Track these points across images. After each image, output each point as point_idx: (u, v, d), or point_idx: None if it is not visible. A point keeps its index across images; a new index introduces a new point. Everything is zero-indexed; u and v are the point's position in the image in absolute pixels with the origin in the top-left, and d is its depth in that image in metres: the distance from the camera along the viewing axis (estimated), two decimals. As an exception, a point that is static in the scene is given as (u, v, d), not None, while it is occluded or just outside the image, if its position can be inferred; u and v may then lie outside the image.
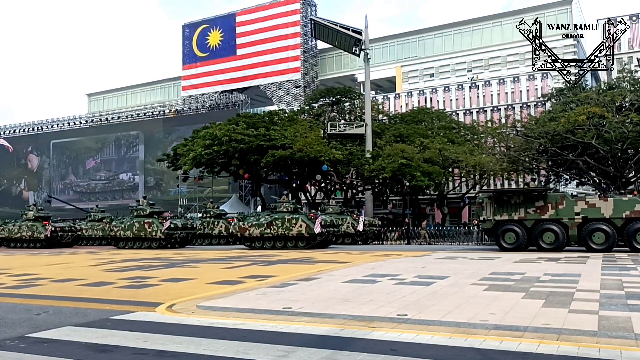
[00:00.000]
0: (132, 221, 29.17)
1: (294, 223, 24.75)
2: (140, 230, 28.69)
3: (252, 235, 25.64)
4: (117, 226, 29.49)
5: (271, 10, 62.57)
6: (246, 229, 25.74)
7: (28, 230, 32.54)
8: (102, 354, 5.50)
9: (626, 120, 28.97)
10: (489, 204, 20.87)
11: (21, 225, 32.98)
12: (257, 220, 25.69)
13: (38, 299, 9.60)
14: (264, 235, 25.37)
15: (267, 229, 25.22)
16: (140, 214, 29.31)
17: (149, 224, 28.47)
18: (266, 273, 13.04)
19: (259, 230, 25.39)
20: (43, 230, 31.89)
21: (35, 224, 32.50)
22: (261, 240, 25.64)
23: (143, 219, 28.86)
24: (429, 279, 10.91)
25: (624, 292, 8.73)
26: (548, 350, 5.24)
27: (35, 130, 70.12)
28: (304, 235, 24.54)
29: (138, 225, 28.79)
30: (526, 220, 20.13)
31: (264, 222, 25.36)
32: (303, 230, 24.48)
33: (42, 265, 17.77)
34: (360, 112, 44.68)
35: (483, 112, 51.45)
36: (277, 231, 25.06)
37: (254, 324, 6.80)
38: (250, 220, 25.94)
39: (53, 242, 32.01)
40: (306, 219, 24.64)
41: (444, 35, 58.72)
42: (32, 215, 33.06)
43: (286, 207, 25.74)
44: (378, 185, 40.45)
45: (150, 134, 61.14)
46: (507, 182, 47.05)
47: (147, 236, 28.57)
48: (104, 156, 64.87)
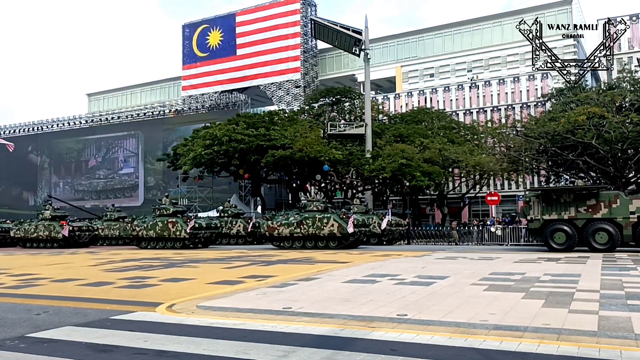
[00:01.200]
0: (155, 220, 28.36)
1: (326, 222, 24.18)
2: (164, 229, 27.91)
3: (281, 235, 25.22)
4: (139, 225, 28.77)
5: (271, 10, 62.55)
6: (275, 228, 25.29)
7: (45, 230, 31.83)
8: (102, 354, 5.50)
9: (626, 120, 28.97)
10: (537, 202, 20.17)
11: (38, 224, 32.24)
12: (286, 220, 25.21)
13: (38, 298, 9.60)
14: (294, 234, 24.91)
15: (297, 228, 24.73)
16: (163, 213, 28.47)
17: (173, 224, 27.69)
18: (266, 273, 13.04)
19: (289, 229, 24.94)
20: (61, 229, 31.19)
21: (52, 223, 31.77)
22: (290, 239, 25.20)
23: (166, 219, 28.04)
24: (429, 279, 10.91)
25: (624, 292, 8.74)
26: (548, 350, 5.24)
27: (35, 130, 70.10)
28: (336, 235, 24.01)
29: (161, 225, 28.03)
30: (577, 220, 19.45)
31: (294, 222, 24.88)
32: (335, 230, 23.95)
33: (42, 265, 17.77)
34: (360, 112, 44.68)
35: (483, 112, 51.44)
36: (307, 231, 24.52)
37: (254, 324, 6.80)
38: (279, 220, 25.47)
39: (71, 242, 31.28)
40: (338, 218, 24.07)
41: (444, 35, 58.71)
42: (48, 215, 32.31)
43: (316, 206, 25.25)
44: (378, 185, 40.44)
45: (150, 134, 61.12)
46: (507, 183, 47.08)
47: (170, 236, 27.77)
48: (104, 155, 64.88)
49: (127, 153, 64.26)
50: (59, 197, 60.28)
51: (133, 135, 62.58)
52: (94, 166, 65.16)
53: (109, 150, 64.60)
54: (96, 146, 65.34)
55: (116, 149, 64.52)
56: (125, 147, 64.58)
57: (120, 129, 63.62)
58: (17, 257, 22.99)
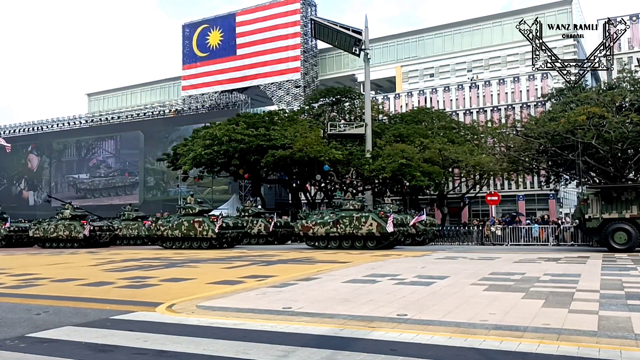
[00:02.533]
0: (181, 220, 27.57)
1: (364, 222, 23.45)
2: (190, 229, 27.15)
3: (317, 234, 24.60)
4: (164, 225, 27.99)
5: (271, 10, 62.56)
6: (309, 227, 24.65)
7: (65, 230, 31.11)
8: (102, 353, 5.50)
9: (626, 120, 28.97)
10: (596, 200, 19.45)
11: (57, 224, 31.52)
12: (322, 219, 24.57)
13: (38, 298, 9.59)
14: (330, 234, 24.28)
15: (333, 227, 24.06)
16: (189, 213, 27.71)
17: (199, 223, 26.93)
18: (266, 273, 13.03)
19: (324, 229, 24.29)
20: (81, 229, 30.49)
21: (72, 223, 31.07)
22: (326, 239, 24.57)
23: (192, 218, 27.28)
24: (429, 279, 10.91)
25: (624, 292, 8.74)
26: (548, 350, 5.24)
27: (35, 130, 70.11)
28: (375, 234, 23.35)
29: (187, 225, 27.23)
30: (639, 219, 18.74)
31: (330, 221, 24.19)
32: (374, 230, 23.25)
33: (42, 265, 17.76)
34: (360, 112, 44.68)
35: (483, 112, 51.44)
36: (344, 230, 23.86)
37: (254, 324, 6.80)
38: (314, 219, 24.78)
39: (91, 241, 30.65)
40: (377, 217, 23.36)
41: (444, 35, 58.71)
42: (68, 214, 31.60)
43: (353, 205, 24.53)
44: (378, 185, 40.44)
45: (150, 134, 61.14)
46: (507, 183, 47.08)
47: (197, 236, 27.07)
48: (104, 154, 64.96)
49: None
50: (60, 196, 60.32)
51: (133, 135, 62.59)
52: (95, 164, 65.30)
53: (109, 148, 64.69)
54: (97, 145, 65.39)
55: (115, 147, 64.72)
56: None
57: (120, 129, 63.66)
58: (17, 257, 22.98)
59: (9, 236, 33.58)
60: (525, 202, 47.46)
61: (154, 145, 60.23)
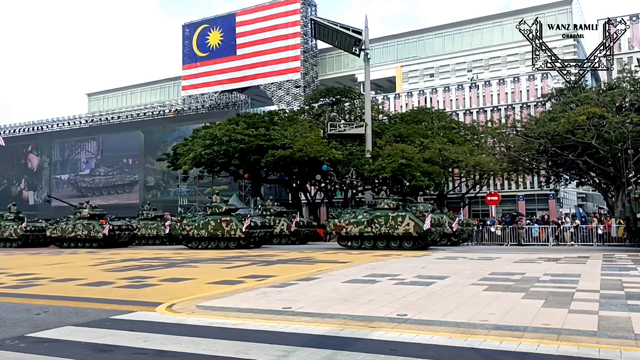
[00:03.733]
0: (207, 219, 26.93)
1: (400, 221, 22.64)
2: (217, 228, 26.54)
3: (350, 234, 23.87)
4: (189, 225, 27.34)
5: (271, 10, 62.56)
6: (342, 227, 23.89)
7: (84, 229, 30.50)
8: (102, 353, 5.49)
9: (626, 120, 29.00)
10: None
11: (76, 224, 30.87)
12: (355, 218, 23.79)
13: (38, 298, 9.59)
14: (364, 234, 23.50)
15: (368, 227, 23.26)
16: (215, 212, 27.07)
17: (227, 222, 26.34)
18: (266, 273, 13.04)
19: (358, 228, 23.54)
20: (100, 228, 29.95)
21: (91, 222, 30.47)
22: (359, 239, 23.83)
23: (219, 217, 26.66)
24: (429, 279, 10.91)
25: (624, 292, 8.74)
26: (548, 350, 5.24)
27: (35, 130, 70.13)
28: (412, 234, 22.57)
29: (214, 224, 26.60)
30: None
31: (364, 220, 23.41)
32: (411, 229, 22.47)
33: (41, 265, 17.76)
34: (360, 112, 44.66)
35: (483, 112, 51.43)
36: (379, 230, 23.07)
37: (254, 323, 6.80)
38: (347, 218, 23.98)
39: (110, 241, 30.06)
40: (414, 216, 22.62)
41: (444, 35, 58.71)
42: (87, 213, 30.98)
43: (388, 204, 23.64)
44: (378, 185, 40.40)
45: (150, 134, 61.17)
46: (507, 183, 47.08)
47: (224, 235, 26.44)
48: (104, 153, 65.04)
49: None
50: (60, 195, 60.35)
51: (132, 135, 62.63)
52: (94, 163, 65.40)
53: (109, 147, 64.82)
54: (96, 145, 65.46)
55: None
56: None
57: (120, 129, 63.70)
58: (17, 257, 22.98)
59: (26, 236, 33.03)
60: (525, 202, 47.45)
61: (154, 145, 60.26)
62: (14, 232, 33.09)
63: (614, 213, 30.30)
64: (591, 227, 27.31)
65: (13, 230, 33.15)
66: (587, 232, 27.40)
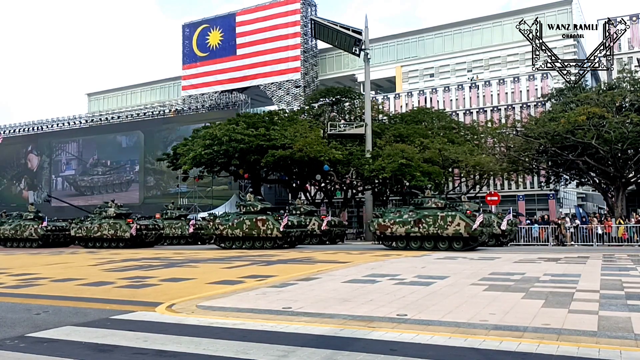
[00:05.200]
0: (242, 218, 26.21)
1: (450, 221, 21.74)
2: (252, 228, 25.84)
3: (395, 234, 22.92)
4: (222, 224, 26.59)
5: (271, 10, 62.57)
6: (387, 226, 22.93)
7: (110, 229, 29.76)
8: (101, 353, 5.49)
9: (626, 120, 29.01)
10: None
11: (102, 223, 30.13)
12: (401, 217, 22.80)
13: (38, 298, 9.59)
14: (410, 234, 22.54)
15: (415, 227, 22.32)
16: (250, 211, 26.36)
17: (263, 222, 25.63)
18: (266, 273, 13.03)
19: (404, 228, 22.57)
20: (128, 228, 29.18)
21: (118, 221, 29.78)
22: (405, 239, 22.84)
23: (254, 216, 25.96)
24: (429, 279, 10.91)
25: (623, 293, 8.74)
26: (548, 350, 5.24)
27: (35, 130, 70.14)
28: (462, 235, 21.61)
29: (249, 223, 25.90)
30: None
31: (410, 220, 22.47)
32: (462, 230, 21.52)
33: (41, 264, 17.76)
34: (360, 112, 44.68)
35: (483, 112, 51.43)
36: (427, 230, 22.12)
37: (254, 323, 6.80)
38: (392, 217, 22.99)
39: (137, 241, 29.35)
40: (465, 216, 21.67)
41: (444, 35, 58.71)
42: (112, 212, 30.25)
43: (435, 203, 22.74)
44: (378, 185, 40.44)
45: (150, 134, 61.18)
46: (507, 183, 47.08)
47: (260, 235, 25.77)
48: (104, 153, 65.11)
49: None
50: (60, 194, 60.40)
51: (132, 135, 62.65)
52: (92, 162, 65.48)
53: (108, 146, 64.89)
54: (96, 145, 65.50)
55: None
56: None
57: (120, 129, 63.72)
58: (17, 256, 22.98)
59: (47, 236, 32.31)
60: (525, 202, 47.44)
61: (154, 145, 60.27)
62: (35, 231, 32.38)
63: (614, 213, 30.29)
64: (591, 227, 27.28)
65: (33, 230, 32.43)
66: (587, 232, 27.36)
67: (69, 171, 67.09)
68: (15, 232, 33.14)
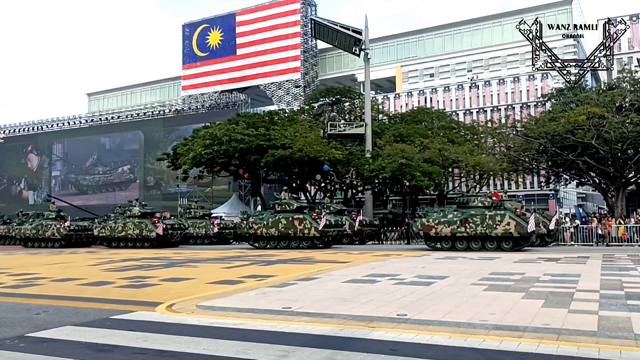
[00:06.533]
0: (277, 217, 25.63)
1: (499, 221, 20.91)
2: (289, 227, 25.25)
3: (440, 234, 22.15)
4: (256, 223, 26.01)
5: (271, 10, 62.58)
6: (431, 226, 22.19)
7: (135, 228, 29.06)
8: (101, 353, 5.49)
9: (626, 120, 28.99)
10: None
11: (126, 222, 29.43)
12: (445, 217, 22.09)
13: (38, 298, 9.59)
14: (456, 234, 21.75)
15: (461, 227, 21.54)
16: (286, 209, 25.76)
17: (300, 221, 25.01)
18: (266, 273, 13.03)
19: (450, 228, 21.81)
20: (153, 227, 28.35)
21: (143, 220, 29.02)
22: (451, 240, 22.04)
23: (291, 215, 25.40)
24: (429, 279, 10.90)
25: (623, 293, 8.73)
26: (548, 350, 5.24)
27: (35, 129, 70.14)
28: (513, 235, 20.81)
29: (285, 222, 25.32)
30: None
31: (456, 220, 21.71)
32: (512, 229, 20.71)
33: (41, 264, 17.76)
34: (360, 112, 44.69)
35: (483, 112, 51.44)
36: (474, 230, 21.30)
37: (254, 323, 6.80)
38: (436, 217, 22.30)
39: (163, 241, 28.52)
40: (515, 215, 20.88)
41: (444, 35, 58.73)
42: (137, 212, 29.53)
43: (482, 202, 21.91)
44: (378, 185, 40.44)
45: (150, 133, 61.18)
46: (507, 183, 47.08)
47: (297, 234, 25.19)
48: (104, 152, 65.15)
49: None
50: (60, 194, 60.39)
51: (132, 134, 62.64)
52: (91, 162, 65.53)
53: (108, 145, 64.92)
54: (96, 145, 65.53)
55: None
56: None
57: (120, 129, 63.72)
58: (17, 256, 22.98)
59: (69, 236, 31.65)
60: (525, 202, 47.40)
61: (154, 145, 60.27)
62: (57, 231, 31.72)
63: (614, 213, 30.28)
64: (591, 227, 27.24)
65: (56, 229, 31.79)
66: (587, 232, 27.31)
67: (69, 172, 67.11)
68: (36, 232, 32.58)
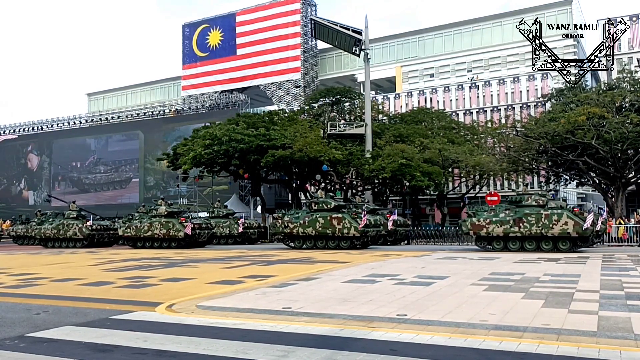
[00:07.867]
0: (314, 216, 24.84)
1: (556, 220, 19.97)
2: (326, 227, 24.48)
3: (492, 234, 21.27)
4: (292, 222, 25.29)
5: (271, 10, 62.59)
6: (482, 226, 21.35)
7: (162, 228, 27.97)
8: (101, 353, 5.49)
9: (626, 120, 28.97)
10: None
11: (152, 222, 28.43)
12: (497, 216, 21.22)
13: (38, 298, 9.60)
14: (509, 234, 20.87)
15: (515, 226, 20.65)
16: (323, 208, 24.94)
17: (339, 220, 24.30)
18: (266, 273, 13.04)
19: (502, 228, 20.90)
20: (181, 227, 27.35)
21: (170, 220, 27.98)
22: (503, 240, 21.17)
23: (329, 214, 24.57)
24: (429, 279, 10.91)
25: (623, 293, 8.74)
26: (548, 350, 5.24)
27: (35, 129, 70.16)
28: (570, 235, 19.92)
29: (323, 221, 24.52)
30: None
31: (509, 219, 20.80)
32: (570, 229, 19.77)
33: (41, 264, 17.77)
34: (360, 112, 44.68)
35: (483, 112, 51.44)
36: (528, 230, 20.40)
37: (254, 323, 6.80)
38: (487, 216, 21.39)
39: (191, 240, 27.69)
40: (572, 214, 20.06)
41: (444, 35, 58.73)
42: (164, 211, 28.58)
43: (536, 200, 21.01)
44: (378, 185, 40.43)
45: (150, 133, 61.19)
46: (507, 183, 47.08)
47: (335, 234, 24.45)
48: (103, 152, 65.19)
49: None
50: (60, 193, 60.38)
51: (132, 134, 62.66)
52: (92, 161, 65.61)
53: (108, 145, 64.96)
54: (96, 145, 65.57)
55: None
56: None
57: (120, 129, 63.75)
58: (17, 256, 22.98)
59: (92, 235, 30.68)
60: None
61: (154, 145, 60.27)
62: (79, 231, 30.71)
63: (614, 213, 30.27)
64: (591, 227, 27.14)
65: (78, 229, 30.77)
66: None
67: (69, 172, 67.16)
68: (57, 231, 31.47)
